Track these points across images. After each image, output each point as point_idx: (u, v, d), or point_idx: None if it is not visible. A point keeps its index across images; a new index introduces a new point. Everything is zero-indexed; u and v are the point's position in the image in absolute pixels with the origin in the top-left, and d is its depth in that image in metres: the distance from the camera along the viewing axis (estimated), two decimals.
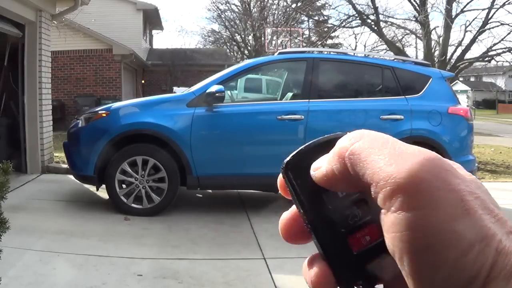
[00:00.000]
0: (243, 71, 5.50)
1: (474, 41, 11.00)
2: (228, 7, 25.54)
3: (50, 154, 7.37)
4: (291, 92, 5.68)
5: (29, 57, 6.78)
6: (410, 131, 5.06)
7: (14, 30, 6.55)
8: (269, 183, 5.44)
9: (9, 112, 7.16)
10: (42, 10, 6.85)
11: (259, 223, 4.67)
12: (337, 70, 5.52)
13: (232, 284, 3.24)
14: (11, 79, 7.11)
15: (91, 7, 10.88)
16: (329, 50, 7.21)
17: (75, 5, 7.32)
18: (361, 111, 5.21)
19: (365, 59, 6.07)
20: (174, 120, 4.92)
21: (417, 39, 14.46)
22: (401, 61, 5.84)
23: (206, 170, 4.86)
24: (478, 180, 0.30)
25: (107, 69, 15.82)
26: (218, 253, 3.86)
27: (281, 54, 5.72)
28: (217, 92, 4.88)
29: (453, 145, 5.16)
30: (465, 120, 5.30)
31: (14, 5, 6.06)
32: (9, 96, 7.16)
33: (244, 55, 24.78)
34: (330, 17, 20.88)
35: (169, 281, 3.21)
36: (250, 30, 24.22)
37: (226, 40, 26.48)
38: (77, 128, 5.19)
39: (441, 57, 10.96)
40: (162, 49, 23.02)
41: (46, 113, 7.14)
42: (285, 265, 3.59)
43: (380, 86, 5.43)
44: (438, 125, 5.13)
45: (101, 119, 5.05)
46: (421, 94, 5.28)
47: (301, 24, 23.83)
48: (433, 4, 12.57)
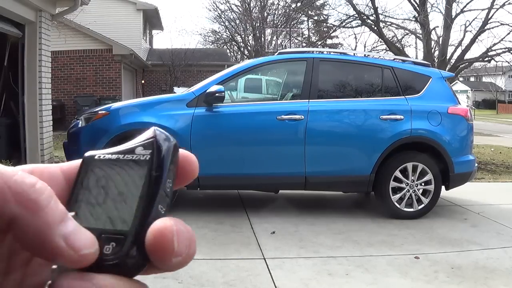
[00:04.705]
0: (243, 71, 5.50)
1: (474, 41, 10.99)
2: (228, 7, 25.55)
3: (50, 154, 7.36)
4: (291, 92, 5.68)
5: (29, 57, 6.78)
6: (410, 131, 5.06)
7: (14, 30, 6.55)
8: (269, 183, 5.47)
9: (9, 112, 7.16)
10: (42, 10, 6.85)
11: (259, 223, 4.67)
12: (337, 70, 5.52)
13: (232, 284, 3.24)
14: (11, 79, 7.11)
15: (91, 7, 10.90)
16: (329, 50, 7.21)
17: (75, 5, 7.32)
18: (361, 111, 5.21)
19: (365, 59, 6.07)
20: (174, 120, 4.92)
21: (417, 39, 14.45)
22: (401, 61, 5.84)
23: (206, 170, 4.86)
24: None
25: (107, 69, 15.82)
26: (218, 253, 3.86)
27: (281, 54, 5.73)
28: (217, 92, 4.89)
29: (453, 145, 5.16)
30: (465, 120, 5.31)
31: (14, 5, 6.05)
32: (9, 96, 7.16)
33: (244, 55, 24.77)
34: (329, 16, 20.90)
35: (169, 281, 3.21)
36: (250, 30, 24.21)
37: (226, 40, 26.47)
38: (77, 128, 5.19)
39: (441, 57, 10.95)
40: (162, 49, 23.00)
41: (46, 113, 7.13)
42: (285, 265, 3.59)
43: (380, 86, 5.43)
44: (438, 125, 5.13)
45: (101, 119, 5.05)
46: (421, 94, 5.29)
47: (301, 24, 23.85)
48: (432, 4, 12.60)
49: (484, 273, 3.50)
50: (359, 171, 5.03)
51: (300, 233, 4.40)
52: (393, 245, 4.15)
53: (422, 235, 4.48)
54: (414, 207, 5.05)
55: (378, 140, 5.05)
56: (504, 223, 4.87)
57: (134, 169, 0.31)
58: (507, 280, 3.40)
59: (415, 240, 4.30)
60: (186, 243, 0.28)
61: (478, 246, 4.14)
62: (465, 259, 3.81)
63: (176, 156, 0.32)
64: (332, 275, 3.45)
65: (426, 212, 5.08)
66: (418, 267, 3.63)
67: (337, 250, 3.99)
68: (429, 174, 5.04)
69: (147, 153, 0.31)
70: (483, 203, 5.80)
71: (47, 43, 7.12)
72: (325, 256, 3.83)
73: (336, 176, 5.05)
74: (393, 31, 14.38)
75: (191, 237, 0.29)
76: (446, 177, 5.12)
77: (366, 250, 4.00)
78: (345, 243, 4.17)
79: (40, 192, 0.27)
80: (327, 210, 5.39)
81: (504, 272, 3.54)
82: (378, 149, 5.02)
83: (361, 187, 5.22)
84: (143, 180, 0.31)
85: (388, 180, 5.02)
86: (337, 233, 4.45)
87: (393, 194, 5.03)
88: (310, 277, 3.39)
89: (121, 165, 0.32)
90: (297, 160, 4.96)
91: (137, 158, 0.31)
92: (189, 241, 0.29)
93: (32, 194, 0.27)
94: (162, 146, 0.32)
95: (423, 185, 5.06)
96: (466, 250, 4.05)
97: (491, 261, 3.77)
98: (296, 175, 4.96)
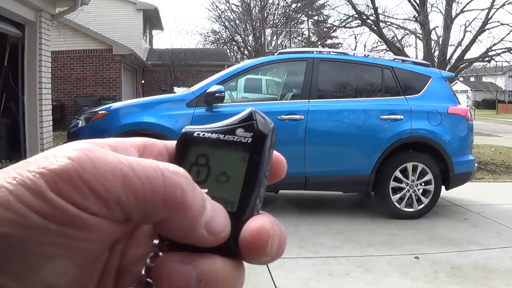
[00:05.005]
0: (243, 71, 5.50)
1: (474, 41, 10.99)
2: (228, 7, 25.56)
3: None
4: (291, 92, 5.69)
5: (29, 57, 6.78)
6: (410, 131, 5.06)
7: (14, 30, 6.55)
8: (268, 183, 5.43)
9: (9, 112, 7.16)
10: (42, 10, 6.85)
11: None
12: (337, 70, 5.52)
13: None
14: (11, 79, 7.11)
15: (91, 7, 10.89)
16: (329, 50, 7.21)
17: (75, 5, 7.32)
18: (361, 111, 5.21)
19: (365, 59, 6.07)
20: (174, 120, 4.92)
21: (417, 39, 14.46)
22: (401, 61, 5.84)
23: None
24: None
25: (107, 69, 15.82)
26: None
27: (281, 54, 5.73)
28: (217, 92, 4.89)
29: (453, 145, 5.16)
30: (465, 120, 5.30)
31: (14, 5, 6.06)
32: (9, 96, 7.17)
33: (244, 55, 24.77)
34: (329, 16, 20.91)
35: None
36: (250, 30, 24.21)
37: (226, 40, 26.47)
38: (77, 128, 5.19)
39: (441, 57, 10.96)
40: (162, 49, 23.01)
41: (46, 113, 7.13)
42: (285, 265, 3.59)
43: (380, 86, 5.43)
44: (438, 125, 5.13)
45: (101, 119, 5.05)
46: (421, 94, 5.29)
47: (301, 24, 23.86)
48: (432, 5, 12.59)
49: (484, 273, 3.50)
50: (359, 171, 5.03)
51: (300, 233, 4.40)
52: (393, 245, 4.16)
53: (422, 235, 4.48)
54: (414, 207, 5.04)
55: (378, 140, 5.05)
56: (504, 223, 4.87)
57: (236, 151, 0.31)
58: (507, 280, 3.39)
59: (415, 240, 4.30)
60: (277, 245, 0.29)
61: (478, 246, 4.14)
62: (465, 259, 3.81)
63: (274, 140, 0.32)
64: (332, 275, 3.45)
65: (426, 212, 5.07)
66: (418, 267, 3.63)
67: (337, 250, 3.99)
68: (429, 174, 5.04)
69: (248, 136, 0.31)
70: (483, 203, 5.80)
71: (47, 43, 7.13)
72: (325, 256, 3.83)
73: (336, 176, 5.05)
74: (393, 31, 14.39)
75: (283, 238, 0.29)
76: (446, 177, 5.12)
77: (366, 250, 4.00)
78: (345, 243, 4.17)
79: (187, 191, 0.27)
80: (327, 210, 5.39)
81: (504, 272, 3.54)
82: (378, 149, 5.02)
83: (361, 187, 5.22)
84: (246, 164, 0.30)
85: (388, 180, 5.02)
86: (337, 233, 4.45)
87: (393, 194, 5.03)
88: (310, 277, 3.40)
89: (222, 146, 0.31)
90: (297, 160, 4.96)
91: (238, 140, 0.31)
92: (281, 242, 0.29)
93: (179, 197, 0.26)
94: (262, 130, 0.31)
95: (423, 185, 5.06)
96: (466, 250, 4.05)
97: (491, 261, 3.77)
98: (296, 175, 4.96)
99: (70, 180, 0.24)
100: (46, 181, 0.24)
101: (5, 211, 0.23)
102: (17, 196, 0.24)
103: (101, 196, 0.24)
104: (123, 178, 0.25)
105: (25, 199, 0.23)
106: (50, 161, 0.25)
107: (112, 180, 0.25)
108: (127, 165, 0.25)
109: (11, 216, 0.23)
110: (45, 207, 0.24)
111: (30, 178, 0.24)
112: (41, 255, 0.24)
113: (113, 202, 0.25)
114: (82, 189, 0.24)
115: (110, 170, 0.25)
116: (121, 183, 0.25)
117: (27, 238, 0.23)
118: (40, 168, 0.24)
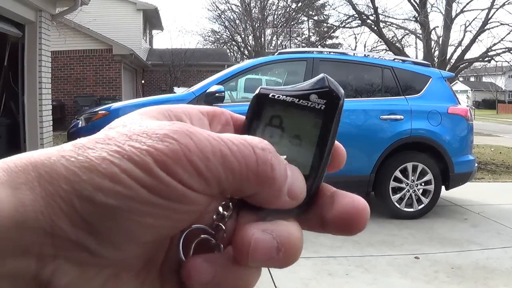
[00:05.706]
0: (243, 71, 5.50)
1: (474, 41, 11.00)
2: (228, 7, 25.57)
3: None
4: None
5: (29, 57, 6.78)
6: (410, 131, 5.06)
7: (14, 30, 6.55)
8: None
9: (9, 112, 7.17)
10: (42, 10, 6.85)
11: None
12: (337, 70, 5.52)
13: None
14: (11, 79, 7.12)
15: (91, 7, 10.89)
16: (329, 50, 7.20)
17: (75, 5, 7.32)
18: (361, 111, 5.20)
19: (365, 59, 6.07)
20: None
21: (417, 39, 14.45)
22: (401, 61, 5.84)
23: None
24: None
25: (107, 69, 15.83)
26: None
27: (281, 54, 5.73)
28: (217, 92, 4.89)
29: (453, 145, 5.16)
30: (465, 120, 5.31)
31: (14, 5, 6.06)
32: (9, 96, 7.17)
33: (244, 55, 24.78)
34: (330, 16, 20.90)
35: None
36: (250, 30, 24.22)
37: (226, 40, 26.49)
38: (77, 128, 5.19)
39: (441, 57, 10.96)
40: (162, 49, 23.00)
41: (46, 113, 7.13)
42: None
43: (380, 86, 5.43)
44: (438, 125, 5.13)
45: (101, 119, 5.05)
46: (421, 94, 5.29)
47: (301, 24, 23.86)
48: (432, 5, 12.59)
49: (484, 273, 3.50)
50: (359, 171, 5.03)
51: None
52: (393, 245, 4.16)
53: (422, 235, 4.48)
54: (414, 207, 5.05)
55: (378, 140, 5.05)
56: (504, 223, 4.87)
57: (309, 116, 0.31)
58: (507, 280, 3.40)
59: (415, 240, 4.30)
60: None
61: (478, 246, 4.14)
62: (465, 259, 3.81)
63: (342, 109, 0.33)
64: (332, 275, 3.45)
65: (426, 212, 5.08)
66: (418, 267, 3.63)
67: (337, 250, 3.99)
68: (429, 174, 5.05)
69: (322, 103, 0.32)
70: (483, 203, 5.80)
71: (47, 43, 7.13)
72: (325, 256, 3.83)
73: (336, 176, 5.03)
74: (393, 31, 14.39)
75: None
76: (446, 177, 5.12)
77: (366, 250, 4.00)
78: (345, 243, 4.17)
79: (275, 167, 0.28)
80: None
81: (504, 272, 3.54)
82: (378, 149, 5.02)
83: (361, 187, 5.22)
84: (319, 130, 0.31)
85: (388, 180, 5.02)
86: None
87: (393, 194, 5.03)
88: (310, 277, 3.40)
89: (296, 110, 0.32)
90: None
91: (312, 105, 0.32)
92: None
93: (270, 173, 0.28)
94: (336, 98, 0.32)
95: (423, 185, 5.06)
96: (466, 250, 4.05)
97: (491, 261, 3.77)
98: None
99: (178, 161, 0.25)
100: (154, 160, 0.25)
101: (114, 184, 0.24)
102: (125, 170, 0.25)
103: (204, 175, 0.26)
104: (222, 158, 0.27)
105: (134, 174, 0.25)
106: (155, 141, 0.26)
107: (213, 160, 0.26)
108: (225, 145, 0.27)
109: (119, 189, 0.24)
110: (155, 183, 0.25)
111: (137, 154, 0.25)
112: (143, 226, 0.25)
113: (214, 180, 0.26)
114: (188, 169, 0.26)
115: (211, 151, 0.26)
116: (221, 163, 0.26)
117: (133, 210, 0.24)
118: (147, 146, 0.26)
